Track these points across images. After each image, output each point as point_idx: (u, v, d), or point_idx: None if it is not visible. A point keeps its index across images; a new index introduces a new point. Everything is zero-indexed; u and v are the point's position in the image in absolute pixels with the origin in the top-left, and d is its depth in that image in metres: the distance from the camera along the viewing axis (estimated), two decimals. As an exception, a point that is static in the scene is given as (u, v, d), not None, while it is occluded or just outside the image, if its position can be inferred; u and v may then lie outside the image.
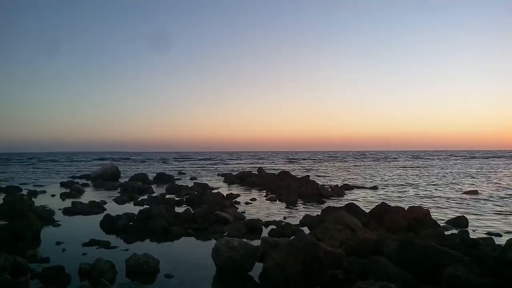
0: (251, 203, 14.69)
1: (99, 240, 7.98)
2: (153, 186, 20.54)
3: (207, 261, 6.37)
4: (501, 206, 13.84)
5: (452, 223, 10.48)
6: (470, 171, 34.44)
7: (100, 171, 25.90)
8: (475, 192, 17.90)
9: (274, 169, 34.37)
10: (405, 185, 22.10)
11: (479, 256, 5.96)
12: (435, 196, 16.95)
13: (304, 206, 14.19)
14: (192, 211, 10.83)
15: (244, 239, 7.00)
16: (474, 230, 9.61)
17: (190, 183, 22.07)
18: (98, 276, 5.47)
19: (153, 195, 15.97)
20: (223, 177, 27.93)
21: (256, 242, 7.27)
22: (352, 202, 11.26)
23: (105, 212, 11.30)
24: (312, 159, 70.70)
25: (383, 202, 10.96)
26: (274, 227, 9.53)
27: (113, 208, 12.79)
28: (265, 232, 9.10)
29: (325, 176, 30.21)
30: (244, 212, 12.08)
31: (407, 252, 5.75)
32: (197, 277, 5.91)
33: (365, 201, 15.10)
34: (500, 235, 9.11)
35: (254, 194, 17.53)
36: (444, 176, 28.62)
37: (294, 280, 5.34)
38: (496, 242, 7.71)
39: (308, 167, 44.10)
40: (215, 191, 16.48)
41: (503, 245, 6.58)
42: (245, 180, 23.47)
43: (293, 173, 25.96)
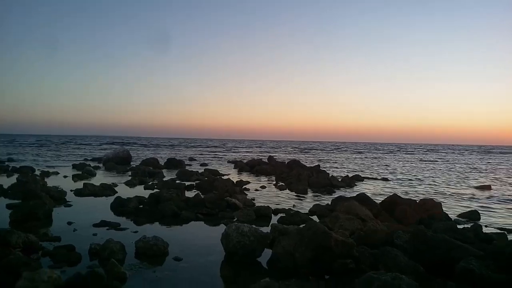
0: (261, 191, 14.67)
1: (110, 222, 8.04)
2: (164, 171, 20.64)
3: (216, 246, 6.37)
4: (515, 202, 13.60)
5: (464, 217, 10.34)
6: (484, 166, 33.93)
7: (112, 155, 26.12)
8: (488, 187, 17.64)
9: (285, 159, 34.28)
10: (417, 178, 21.86)
11: (493, 251, 5.85)
12: (447, 190, 16.73)
13: (314, 195, 14.12)
14: (202, 196, 10.84)
15: (254, 226, 6.97)
16: (486, 225, 9.46)
17: (201, 169, 22.14)
18: (108, 257, 5.50)
19: (164, 180, 16.05)
20: (233, 164, 27.96)
21: (266, 229, 7.24)
22: (363, 193, 11.16)
23: (116, 195, 11.39)
24: (324, 150, 70.37)
25: (395, 194, 10.84)
26: (284, 215, 9.49)
27: (124, 191, 12.88)
28: (274, 220, 9.07)
29: (336, 167, 30.04)
30: (254, 199, 12.06)
31: (419, 244, 5.67)
32: (206, 261, 5.91)
33: (376, 193, 14.97)
34: (513, 231, 8.95)
35: (264, 182, 17.50)
36: (457, 171, 28.25)
37: (304, 268, 5.30)
38: (510, 238, 7.57)
39: (319, 157, 43.91)
40: (225, 178, 16.48)
41: (518, 241, 6.49)
42: (255, 168, 23.44)
43: (304, 163, 25.85)
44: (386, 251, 5.34)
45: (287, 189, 15.30)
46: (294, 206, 11.32)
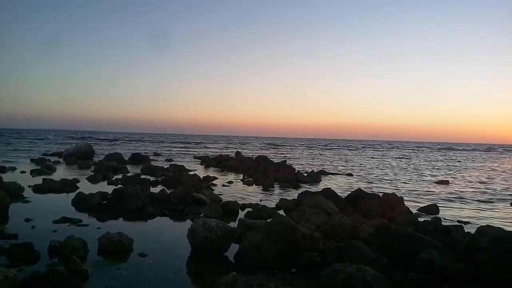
0: (228, 186, 14.63)
1: (71, 218, 7.75)
2: (128, 166, 20.16)
3: (183, 241, 6.28)
4: (471, 196, 14.27)
5: (424, 211, 10.74)
6: (446, 163, 35.35)
7: (73, 149, 25.24)
8: (446, 182, 18.42)
9: (253, 154, 34.35)
10: (381, 173, 22.50)
11: (452, 243, 6.10)
12: (409, 185, 17.32)
13: (280, 190, 14.23)
14: (168, 192, 10.67)
15: (221, 221, 6.93)
16: (445, 218, 9.86)
17: (166, 165, 21.80)
18: (69, 254, 5.29)
19: (128, 175, 15.67)
20: (200, 160, 27.72)
21: (233, 224, 7.23)
22: (329, 187, 11.34)
23: (78, 191, 10.98)
24: (292, 146, 71.04)
25: (359, 188, 11.08)
26: (251, 210, 9.50)
27: (86, 187, 12.46)
28: (241, 215, 9.06)
29: (303, 162, 30.42)
30: (221, 195, 11.99)
31: (383, 237, 5.82)
32: (172, 257, 5.81)
33: (341, 187, 15.27)
34: (469, 223, 9.38)
35: (231, 177, 17.45)
36: (421, 167, 29.25)
37: (270, 262, 5.32)
38: (466, 230, 7.92)
39: (287, 154, 44.31)
40: (192, 173, 16.31)
41: (473, 233, 6.80)
42: (222, 164, 23.36)
43: (272, 159, 26.00)
44: (351, 244, 5.44)
45: (254, 185, 15.34)
46: (261, 201, 11.35)
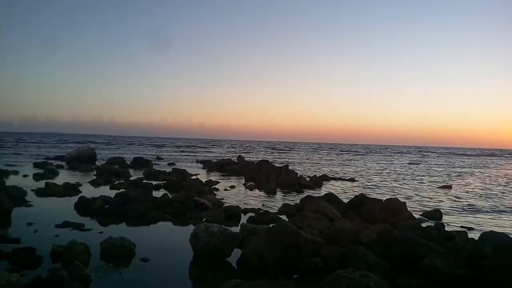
0: (230, 190, 14.62)
1: (73, 222, 7.76)
2: (130, 170, 20.17)
3: (185, 246, 6.27)
4: (474, 202, 14.21)
5: (427, 216, 10.70)
6: (451, 168, 35.20)
7: (76, 153, 25.26)
8: (449, 187, 18.35)
9: (256, 159, 34.35)
10: (384, 178, 22.44)
11: (455, 248, 6.08)
12: (412, 190, 17.26)
13: (283, 195, 14.21)
14: (170, 196, 10.67)
15: (223, 225, 6.92)
16: (448, 223, 9.82)
17: (168, 169, 21.80)
18: (72, 259, 5.29)
19: (130, 179, 15.67)
20: (202, 164, 27.73)
21: (235, 229, 7.21)
22: (331, 192, 11.32)
23: (80, 195, 11.01)
24: (295, 150, 70.94)
25: (361, 193, 11.06)
26: (253, 214, 9.49)
27: (89, 191, 12.48)
28: (244, 219, 9.05)
29: (305, 167, 30.38)
30: (223, 199, 11.99)
31: (386, 243, 5.80)
32: (174, 262, 5.80)
33: (344, 192, 15.24)
34: (473, 229, 9.34)
35: (233, 182, 17.44)
36: (425, 172, 29.15)
37: (273, 267, 5.30)
38: (469, 236, 7.89)
39: (290, 158, 44.27)
40: (194, 178, 16.31)
41: (477, 239, 6.77)
42: (224, 168, 23.35)
43: (274, 163, 25.98)
44: (354, 250, 5.42)
45: (256, 189, 15.32)
46: (264, 206, 11.34)
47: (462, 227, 9.37)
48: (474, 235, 7.63)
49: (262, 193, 14.30)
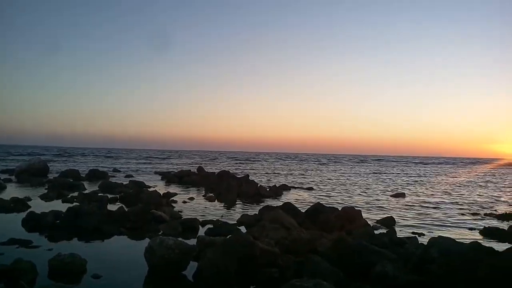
0: (189, 202, 14.43)
1: (20, 239, 7.36)
2: (85, 183, 19.45)
3: (140, 261, 6.11)
4: (425, 208, 14.84)
5: (381, 223, 11.05)
6: (406, 177, 36.55)
7: (26, 166, 24.03)
8: (402, 195, 19.08)
9: (217, 169, 34.14)
10: (342, 187, 22.98)
11: (405, 254, 6.32)
12: (369, 198, 17.79)
13: (243, 206, 14.20)
14: (126, 210, 10.38)
15: (180, 238, 6.82)
16: (401, 230, 10.19)
17: (126, 181, 21.22)
18: (17, 278, 5.02)
19: (85, 192, 15.10)
20: (161, 176, 27.21)
21: (192, 241, 7.14)
22: (289, 202, 11.45)
23: (29, 210, 10.45)
24: (258, 160, 71.08)
25: (318, 202, 11.26)
26: (211, 226, 9.42)
27: (39, 206, 11.89)
28: (202, 231, 8.96)
29: (267, 177, 30.55)
30: (181, 211, 11.81)
31: (340, 251, 5.94)
32: (128, 277, 5.64)
33: (302, 201, 15.45)
34: (423, 234, 9.74)
35: (193, 193, 17.24)
36: (384, 181, 30.05)
37: (229, 279, 5.28)
38: (420, 241, 8.22)
39: (253, 168, 44.36)
40: (152, 190, 15.96)
41: (426, 244, 7.08)
42: (184, 179, 23.04)
43: (237, 174, 25.95)
44: (309, 259, 5.51)
45: (216, 200, 15.22)
46: (222, 217, 11.28)
47: (413, 233, 9.76)
48: (424, 241, 7.96)
49: (222, 205, 14.23)
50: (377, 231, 9.14)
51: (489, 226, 10.86)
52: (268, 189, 18.51)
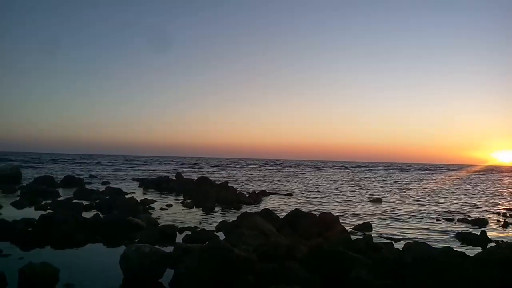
0: (167, 209, 14.27)
1: (-11, 248, 7.12)
2: (60, 190, 19.00)
3: (115, 269, 5.99)
4: (401, 213, 15.10)
5: (359, 229, 11.18)
6: (386, 183, 37.07)
7: (-3, 172, 23.31)
8: (379, 201, 19.37)
9: (195, 176, 33.90)
10: (320, 193, 23.16)
11: (380, 260, 6.40)
12: (347, 204, 17.98)
13: (221, 212, 14.14)
14: (102, 217, 10.19)
15: (157, 246, 6.73)
16: (377, 236, 10.33)
17: (102, 188, 20.84)
18: (-16, 289, 4.85)
19: (59, 199, 14.76)
20: (139, 182, 26.84)
21: (170, 249, 7.06)
22: (267, 208, 11.47)
23: (0, 217, 10.14)
24: (239, 167, 70.90)
25: (297, 209, 11.30)
26: (189, 233, 9.33)
27: (10, 213, 11.55)
28: (180, 238, 8.88)
29: (247, 183, 30.52)
30: (159, 218, 11.67)
31: (317, 257, 5.97)
32: (102, 286, 5.53)
33: (281, 207, 15.49)
34: (399, 240, 9.90)
35: (171, 200, 17.06)
36: (362, 187, 30.40)
37: (206, 286, 5.23)
38: (395, 246, 8.36)
39: (234, 174, 44.24)
40: (129, 196, 15.72)
41: (401, 249, 7.21)
42: (162, 186, 22.79)
43: (216, 180, 25.83)
44: (286, 266, 5.51)
45: (195, 207, 15.10)
46: (201, 224, 11.19)
47: (389, 239, 9.91)
48: (400, 246, 8.09)
49: (200, 211, 14.13)
50: (354, 237, 9.23)
51: (462, 231, 11.13)
52: (247, 196, 18.49)
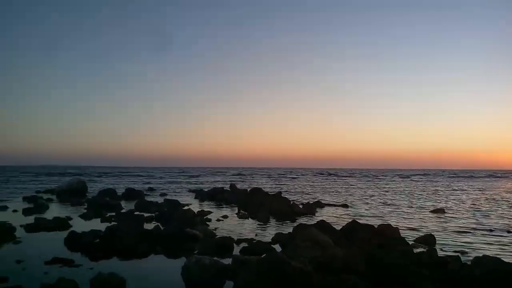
0: (223, 220, 14.51)
1: (63, 258, 7.65)
2: (122, 202, 19.99)
3: (177, 280, 6.20)
4: (468, 225, 14.24)
5: (421, 241, 10.67)
6: (447, 191, 35.30)
7: (66, 186, 25.05)
8: (442, 211, 18.38)
9: (248, 186, 34.26)
10: (377, 203, 22.46)
11: (447, 274, 6.08)
12: (406, 215, 17.28)
13: (276, 223, 14.14)
14: (162, 228, 10.58)
15: (215, 257, 6.87)
16: (442, 248, 9.81)
17: (160, 200, 21.64)
18: (60, 297, 5.21)
19: (122, 212, 15.53)
20: (194, 194, 27.57)
21: (227, 260, 7.17)
22: (323, 220, 11.31)
23: (70, 229, 10.86)
24: (290, 177, 70.74)
25: (354, 220, 11.06)
26: (246, 245, 9.43)
27: (79, 225, 12.33)
28: (237, 250, 8.98)
29: (299, 193, 30.32)
30: (215, 230, 11.90)
31: (377, 270, 5.79)
32: (165, 297, 5.72)
33: (336, 219, 15.21)
34: (467, 253, 9.34)
35: (226, 211, 17.35)
36: (420, 196, 29.15)
37: (265, 299, 5.25)
38: (463, 260, 7.88)
39: (284, 184, 44.21)
40: (186, 208, 16.20)
41: (469, 263, 6.78)
42: (217, 197, 23.23)
43: (268, 190, 25.93)
44: (344, 278, 5.40)
45: (249, 218, 15.24)
46: (257, 236, 11.26)
47: (456, 252, 9.37)
48: (468, 260, 7.63)
49: (255, 222, 14.22)
50: (417, 250, 8.84)
51: (538, 244, 10.27)
52: (302, 206, 18.34)
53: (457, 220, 15.49)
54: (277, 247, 9.17)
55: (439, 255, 8.20)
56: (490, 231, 12.97)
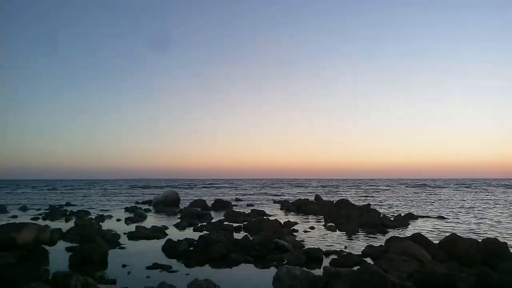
0: (310, 232, 14.36)
1: (162, 264, 8.19)
2: (212, 212, 20.85)
3: (268, 289, 6.25)
4: None
5: (534, 258, 9.48)
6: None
7: (162, 197, 26.89)
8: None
9: (333, 197, 33.56)
10: (477, 217, 20.53)
11: None
12: (510, 228, 15.53)
13: (365, 236, 13.60)
14: (251, 238, 10.79)
15: (305, 268, 6.81)
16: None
17: (247, 210, 22.13)
18: (162, 300, 5.55)
19: (212, 221, 16.18)
20: (279, 204, 27.71)
21: (317, 272, 7.06)
22: (419, 232, 10.62)
23: (167, 237, 11.60)
24: (373, 186, 68.09)
25: (454, 233, 10.21)
26: (335, 257, 9.20)
27: (174, 233, 13.10)
28: (326, 262, 8.80)
29: (387, 205, 28.91)
30: (303, 241, 11.81)
31: (485, 287, 5.27)
32: (258, 305, 5.80)
33: (432, 232, 14.19)
34: None
35: (312, 223, 17.14)
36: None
37: (360, 313, 5.06)
38: None
39: (367, 195, 42.57)
40: (273, 219, 16.34)
41: None
42: (302, 208, 23.09)
43: (354, 201, 25.15)
44: (450, 296, 5.00)
45: (337, 230, 14.88)
46: (346, 248, 10.94)
47: None
48: None
49: (343, 234, 13.84)
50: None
51: None
52: (392, 219, 17.44)
53: None
54: (368, 260, 8.81)
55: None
56: None
